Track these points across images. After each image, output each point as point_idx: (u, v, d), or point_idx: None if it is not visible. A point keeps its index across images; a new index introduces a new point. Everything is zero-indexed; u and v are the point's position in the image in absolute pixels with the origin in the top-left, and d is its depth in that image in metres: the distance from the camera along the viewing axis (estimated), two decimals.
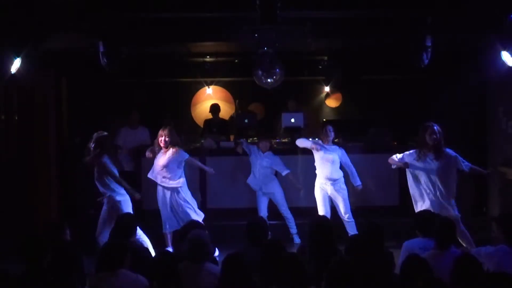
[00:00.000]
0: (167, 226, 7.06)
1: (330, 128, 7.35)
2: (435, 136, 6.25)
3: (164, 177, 6.98)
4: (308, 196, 7.56)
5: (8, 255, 5.71)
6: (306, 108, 10.64)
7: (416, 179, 6.44)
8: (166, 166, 6.95)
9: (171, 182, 6.98)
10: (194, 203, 7.12)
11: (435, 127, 6.28)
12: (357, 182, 7.36)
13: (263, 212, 7.69)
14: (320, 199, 7.33)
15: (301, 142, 7.46)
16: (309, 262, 4.53)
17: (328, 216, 6.89)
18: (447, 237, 4.69)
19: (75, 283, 4.34)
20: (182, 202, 6.99)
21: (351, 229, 7.23)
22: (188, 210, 6.97)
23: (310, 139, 7.65)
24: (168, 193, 7.01)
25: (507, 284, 3.45)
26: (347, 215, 7.29)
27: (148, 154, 7.14)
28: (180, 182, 7.00)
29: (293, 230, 7.77)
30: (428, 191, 6.34)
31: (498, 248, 4.61)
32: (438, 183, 6.29)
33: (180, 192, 7.00)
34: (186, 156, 7.03)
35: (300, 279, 3.74)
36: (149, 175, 7.10)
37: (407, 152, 6.45)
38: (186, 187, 7.08)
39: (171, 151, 6.97)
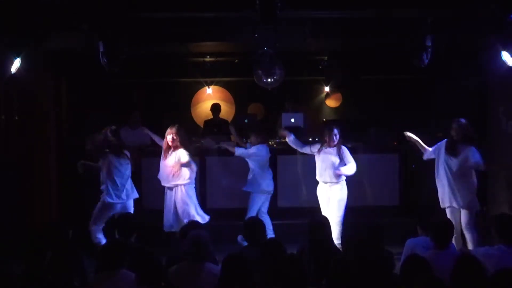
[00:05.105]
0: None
1: (335, 131, 7.03)
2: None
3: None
4: (308, 197, 7.55)
5: (8, 255, 5.72)
6: (306, 108, 10.64)
7: None
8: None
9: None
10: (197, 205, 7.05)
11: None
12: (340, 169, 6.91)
13: (255, 212, 7.46)
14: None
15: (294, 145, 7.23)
16: (309, 262, 4.54)
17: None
18: (444, 236, 4.70)
19: (76, 283, 4.35)
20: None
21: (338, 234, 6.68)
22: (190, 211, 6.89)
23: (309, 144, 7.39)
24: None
25: (508, 283, 3.45)
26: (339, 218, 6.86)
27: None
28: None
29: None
30: None
31: (496, 248, 4.62)
32: None
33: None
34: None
35: (299, 279, 3.74)
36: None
37: None
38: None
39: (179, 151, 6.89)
